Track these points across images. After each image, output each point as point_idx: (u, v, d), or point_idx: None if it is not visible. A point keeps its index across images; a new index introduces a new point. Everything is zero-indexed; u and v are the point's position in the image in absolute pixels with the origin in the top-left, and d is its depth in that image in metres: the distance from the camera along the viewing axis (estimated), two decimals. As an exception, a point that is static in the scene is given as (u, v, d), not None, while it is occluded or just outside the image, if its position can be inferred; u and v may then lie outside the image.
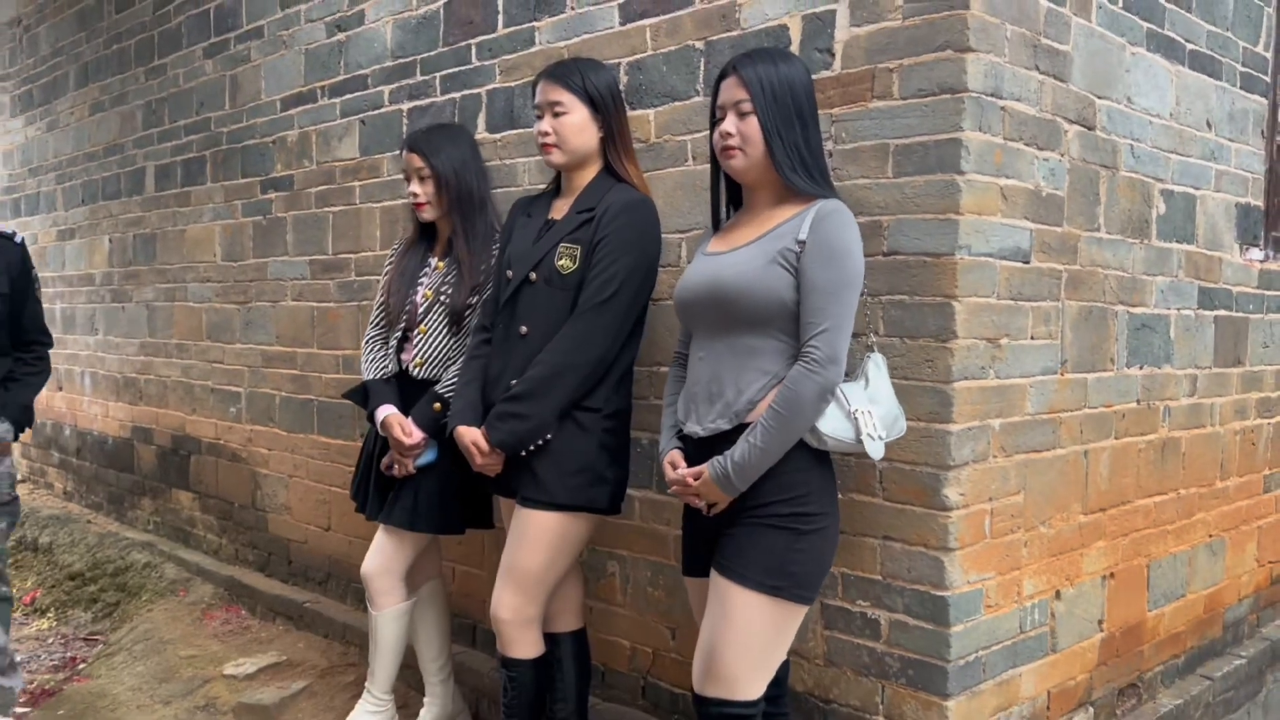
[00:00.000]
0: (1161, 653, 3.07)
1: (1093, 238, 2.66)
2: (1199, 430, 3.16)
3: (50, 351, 3.32)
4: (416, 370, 2.93)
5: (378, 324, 3.06)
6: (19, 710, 3.47)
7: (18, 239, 3.20)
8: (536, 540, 2.52)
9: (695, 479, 2.17)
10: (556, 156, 2.57)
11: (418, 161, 2.91)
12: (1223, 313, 3.24)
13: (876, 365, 2.19)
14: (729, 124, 2.15)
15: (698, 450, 2.21)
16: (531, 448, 2.49)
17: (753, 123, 2.12)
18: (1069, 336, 2.60)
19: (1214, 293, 3.19)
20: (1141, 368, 2.89)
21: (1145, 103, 2.82)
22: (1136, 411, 2.88)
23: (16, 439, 3.20)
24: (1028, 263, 2.44)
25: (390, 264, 3.09)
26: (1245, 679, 3.35)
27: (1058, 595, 2.62)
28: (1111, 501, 2.80)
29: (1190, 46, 2.98)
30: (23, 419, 3.21)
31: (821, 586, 2.19)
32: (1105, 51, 2.65)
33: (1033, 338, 2.48)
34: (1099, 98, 2.64)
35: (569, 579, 2.69)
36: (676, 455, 2.26)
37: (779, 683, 2.27)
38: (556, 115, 2.54)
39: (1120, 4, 2.69)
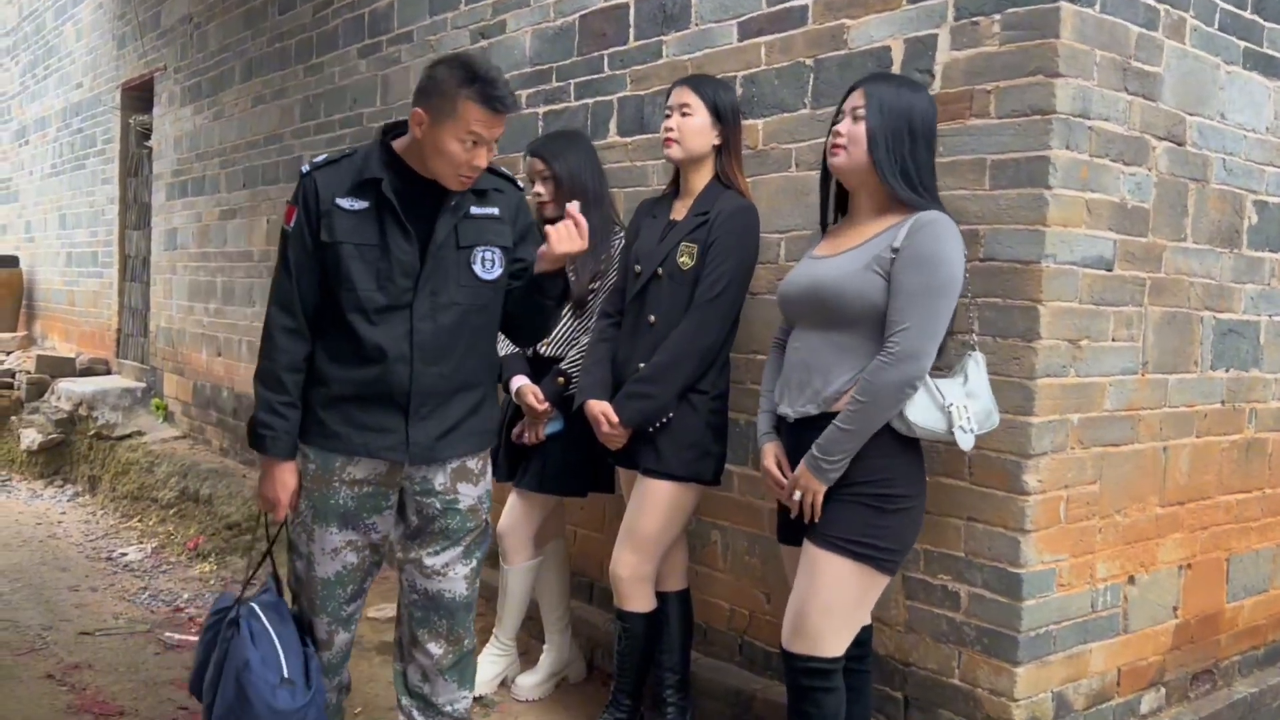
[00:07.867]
0: (1240, 643, 3.21)
1: (1179, 247, 2.82)
2: (1289, 433, 3.28)
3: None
4: (544, 348, 3.27)
5: None
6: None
7: (520, 184, 2.77)
8: (655, 506, 2.86)
9: (786, 483, 2.44)
10: (675, 151, 2.87)
11: (539, 165, 3.24)
12: (1319, 319, 3.33)
13: (976, 363, 2.40)
14: (842, 125, 2.38)
15: (789, 432, 2.48)
16: (657, 424, 2.81)
17: (862, 127, 2.34)
18: (1150, 339, 2.77)
19: (1311, 300, 3.29)
20: (1228, 370, 3.03)
21: (1240, 118, 2.95)
22: (1220, 412, 3.02)
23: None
24: (1110, 270, 2.63)
25: None
26: (1329, 676, 3.44)
27: (1131, 580, 2.81)
28: (1190, 496, 2.96)
29: (1291, 63, 3.09)
30: None
31: (903, 562, 2.44)
32: (1198, 71, 2.80)
33: (1114, 340, 2.67)
34: (1190, 115, 2.79)
35: (676, 544, 3.00)
36: (777, 449, 2.51)
37: (862, 643, 2.52)
38: (683, 115, 2.85)
39: (1216, 25, 2.83)
